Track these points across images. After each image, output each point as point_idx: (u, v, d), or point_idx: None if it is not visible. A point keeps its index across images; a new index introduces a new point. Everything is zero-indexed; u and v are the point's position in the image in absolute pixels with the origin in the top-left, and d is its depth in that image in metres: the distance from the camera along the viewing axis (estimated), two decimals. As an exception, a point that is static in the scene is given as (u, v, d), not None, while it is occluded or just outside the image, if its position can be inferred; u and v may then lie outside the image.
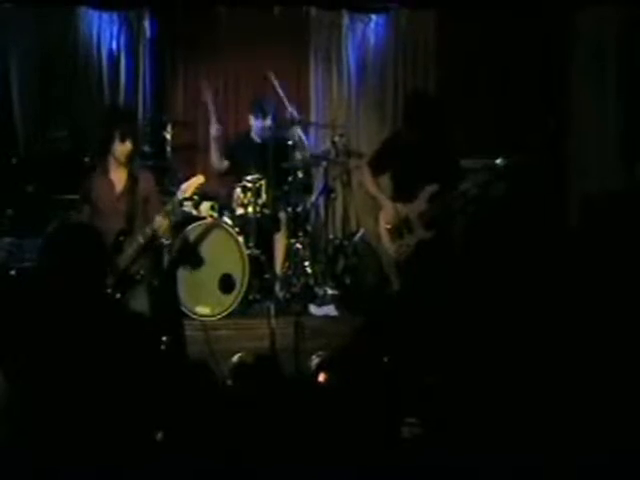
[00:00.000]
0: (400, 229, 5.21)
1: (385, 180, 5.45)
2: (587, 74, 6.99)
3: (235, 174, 6.29)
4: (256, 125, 6.34)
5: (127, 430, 2.53)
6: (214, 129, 6.36)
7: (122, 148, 4.76)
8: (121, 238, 4.61)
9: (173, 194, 4.95)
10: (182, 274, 5.64)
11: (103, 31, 7.28)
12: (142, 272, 4.73)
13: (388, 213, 5.25)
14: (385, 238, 5.29)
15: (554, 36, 7.03)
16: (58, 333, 2.58)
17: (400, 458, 2.54)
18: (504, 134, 7.02)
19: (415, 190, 5.20)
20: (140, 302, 4.66)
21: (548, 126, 5.76)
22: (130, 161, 4.81)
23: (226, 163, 6.42)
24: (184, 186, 4.84)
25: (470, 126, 7.31)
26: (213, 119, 6.37)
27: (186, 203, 5.98)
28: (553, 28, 7.00)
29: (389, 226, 5.23)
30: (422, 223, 5.16)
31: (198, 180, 4.87)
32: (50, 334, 2.57)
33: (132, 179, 4.79)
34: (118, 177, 4.82)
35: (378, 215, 5.37)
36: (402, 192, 5.25)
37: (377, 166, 5.40)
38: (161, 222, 4.70)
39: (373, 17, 7.47)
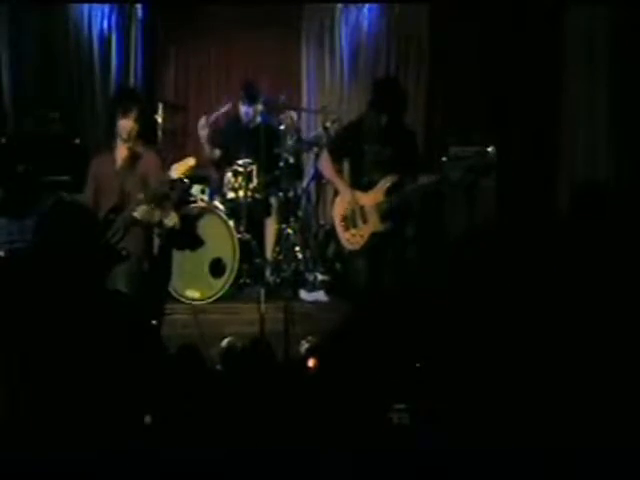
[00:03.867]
0: (354, 218, 5.11)
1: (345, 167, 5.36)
2: (578, 66, 6.99)
3: (226, 159, 6.28)
4: (246, 109, 6.32)
5: (116, 413, 2.53)
6: (201, 126, 6.29)
7: (124, 123, 4.75)
8: (111, 216, 4.62)
9: None
10: (173, 257, 5.63)
11: (95, 12, 7.24)
12: (126, 250, 4.72)
13: (344, 200, 5.12)
14: (338, 226, 5.18)
15: (547, 27, 7.02)
16: (49, 314, 2.57)
17: (389, 443, 2.55)
18: (495, 124, 7.03)
19: (374, 179, 5.09)
20: (122, 282, 4.65)
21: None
22: (132, 138, 4.80)
23: (218, 152, 6.40)
24: (175, 166, 4.77)
25: (461, 115, 7.32)
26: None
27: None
28: (546, 19, 6.99)
29: (343, 213, 5.11)
30: (378, 214, 5.08)
31: (189, 162, 4.79)
32: (41, 315, 2.57)
33: (133, 157, 4.79)
34: (120, 154, 4.82)
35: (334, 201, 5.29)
36: (360, 180, 5.14)
37: (336, 151, 5.25)
38: (144, 211, 4.68)
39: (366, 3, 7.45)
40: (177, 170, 4.74)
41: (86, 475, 2.33)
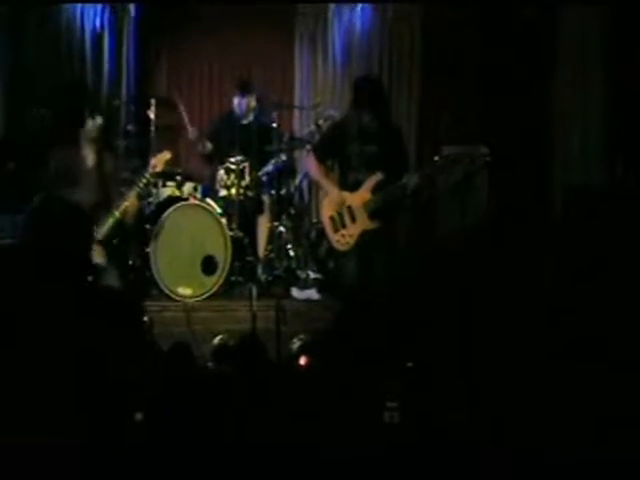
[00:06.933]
0: (343, 219, 5.11)
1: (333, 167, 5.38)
2: (571, 68, 7.01)
3: (218, 156, 6.27)
4: (239, 104, 6.32)
5: (106, 410, 2.52)
6: (190, 132, 6.36)
7: (92, 124, 4.95)
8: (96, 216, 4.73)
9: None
10: (164, 255, 5.61)
11: (87, 9, 7.20)
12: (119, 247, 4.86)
13: (332, 201, 5.13)
14: (327, 227, 5.18)
15: (539, 28, 7.04)
16: (39, 310, 2.56)
17: (381, 442, 2.55)
18: (488, 124, 7.04)
19: (360, 179, 5.07)
20: (111, 278, 4.72)
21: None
22: (100, 137, 4.98)
23: (210, 146, 6.40)
24: (153, 161, 5.07)
25: (454, 114, 7.33)
26: (188, 124, 6.38)
27: (169, 183, 6.02)
28: (538, 20, 7.01)
29: (331, 215, 5.11)
30: (366, 213, 5.05)
31: (164, 156, 5.08)
32: (30, 311, 2.55)
33: (100, 155, 4.99)
34: (88, 152, 4.98)
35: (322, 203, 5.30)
36: (347, 180, 5.11)
37: (322, 151, 5.25)
38: (132, 201, 4.96)
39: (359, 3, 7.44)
40: (156, 165, 5.08)
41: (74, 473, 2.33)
